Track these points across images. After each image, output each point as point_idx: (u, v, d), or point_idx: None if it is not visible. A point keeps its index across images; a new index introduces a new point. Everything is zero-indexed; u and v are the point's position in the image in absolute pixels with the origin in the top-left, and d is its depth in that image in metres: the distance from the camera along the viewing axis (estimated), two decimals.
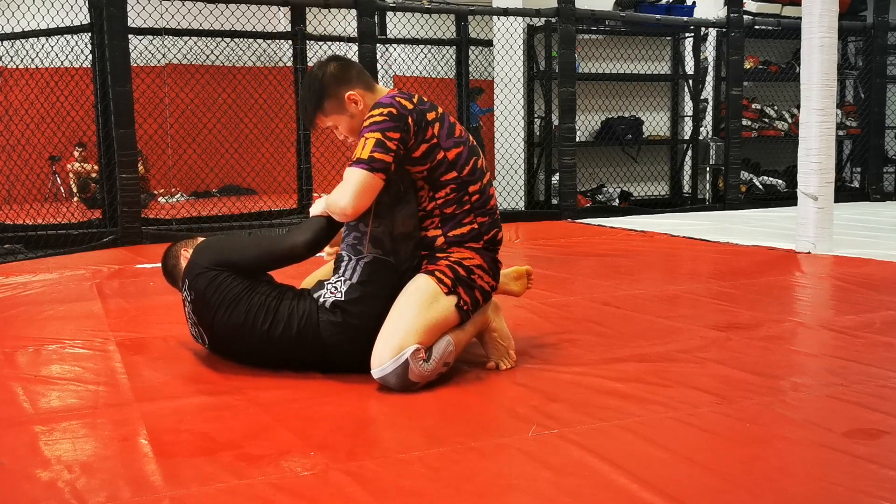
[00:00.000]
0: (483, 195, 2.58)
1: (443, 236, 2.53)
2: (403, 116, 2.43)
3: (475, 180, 2.56)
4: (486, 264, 2.54)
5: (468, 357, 2.71)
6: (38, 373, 2.63)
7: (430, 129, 2.48)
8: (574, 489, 1.69)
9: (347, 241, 2.48)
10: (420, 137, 2.46)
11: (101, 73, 6.14)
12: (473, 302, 2.50)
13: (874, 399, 2.23)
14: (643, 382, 2.39)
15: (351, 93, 2.52)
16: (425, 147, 2.47)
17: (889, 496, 1.63)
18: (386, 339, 2.34)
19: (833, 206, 5.04)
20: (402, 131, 2.42)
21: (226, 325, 2.50)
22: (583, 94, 7.88)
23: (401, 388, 2.34)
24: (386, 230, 2.45)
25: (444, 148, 2.50)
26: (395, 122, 2.41)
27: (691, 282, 4.26)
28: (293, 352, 2.47)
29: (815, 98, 4.92)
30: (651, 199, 8.32)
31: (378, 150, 2.39)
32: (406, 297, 2.41)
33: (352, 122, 2.55)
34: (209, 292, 2.51)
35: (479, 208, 2.55)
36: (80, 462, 1.89)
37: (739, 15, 8.02)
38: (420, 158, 2.47)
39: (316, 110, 2.56)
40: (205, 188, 8.73)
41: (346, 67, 2.57)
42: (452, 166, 2.51)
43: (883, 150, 8.90)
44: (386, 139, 2.40)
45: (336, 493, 1.70)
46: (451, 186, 2.51)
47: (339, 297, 2.42)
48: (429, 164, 2.48)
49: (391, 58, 10.04)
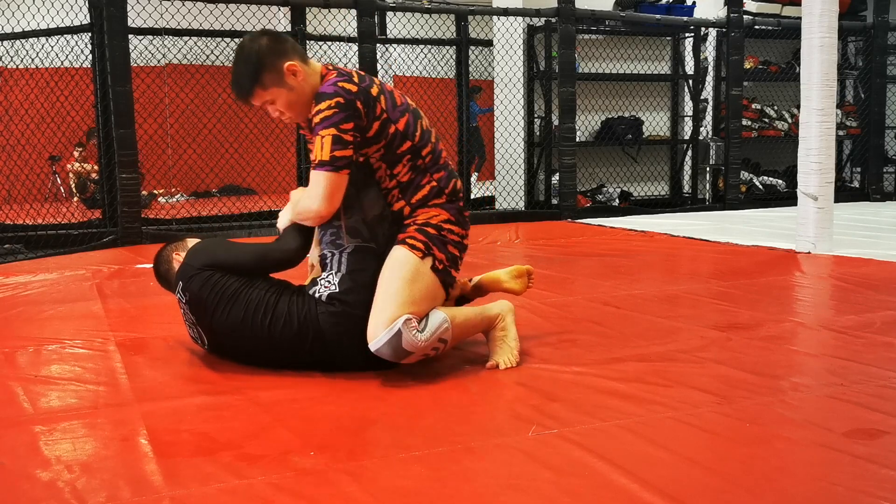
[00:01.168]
0: (434, 153, 2.58)
1: (407, 205, 2.54)
2: (352, 102, 2.41)
3: (426, 143, 2.56)
4: (452, 216, 2.57)
5: (468, 356, 2.71)
6: (38, 373, 2.63)
7: (378, 105, 2.47)
8: (574, 489, 1.69)
9: (326, 239, 2.51)
10: (371, 117, 2.45)
11: (101, 73, 6.14)
12: (450, 258, 2.53)
13: (874, 399, 2.23)
14: (643, 382, 2.39)
15: (290, 63, 2.45)
16: (377, 125, 2.46)
17: (889, 496, 1.63)
18: (377, 314, 2.38)
19: (833, 206, 5.04)
20: (354, 119, 2.40)
21: (225, 323, 2.50)
22: (583, 94, 7.88)
23: (396, 358, 2.38)
24: (358, 218, 2.48)
25: (394, 120, 2.50)
26: (346, 112, 2.39)
27: (691, 282, 4.26)
28: (294, 349, 2.48)
29: (815, 98, 4.92)
30: (651, 199, 8.32)
31: (337, 148, 2.38)
32: (388, 271, 2.44)
33: (290, 96, 2.48)
34: (204, 293, 2.51)
35: (432, 166, 2.57)
36: (80, 462, 1.89)
37: (739, 15, 8.02)
38: (375, 137, 2.46)
39: (253, 84, 2.46)
40: (205, 188, 8.74)
41: (281, 39, 2.52)
42: (405, 136, 2.51)
43: (883, 150, 8.90)
44: (341, 133, 2.39)
45: (336, 493, 1.70)
46: (406, 157, 2.52)
47: (334, 288, 2.45)
48: (384, 140, 2.48)
49: (391, 58, 10.05)
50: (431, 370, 2.59)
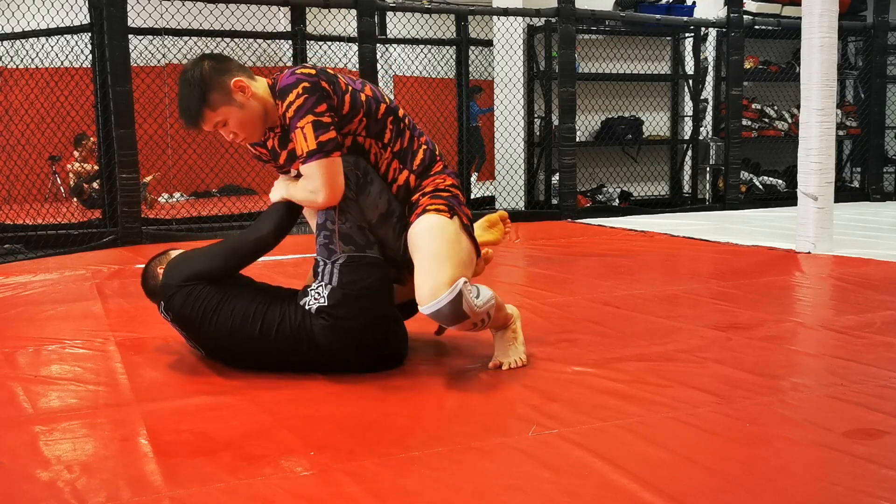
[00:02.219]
0: (409, 118, 2.59)
1: (412, 174, 2.54)
2: (317, 83, 2.38)
3: (397, 107, 2.56)
4: (455, 180, 2.60)
5: (468, 356, 2.71)
6: (38, 373, 2.63)
7: (339, 80, 2.46)
8: (574, 489, 1.69)
9: (319, 241, 2.45)
10: (339, 93, 2.43)
11: (101, 72, 6.14)
12: (468, 217, 2.55)
13: (874, 399, 2.23)
14: (643, 382, 2.39)
15: (236, 80, 2.42)
16: (348, 98, 2.44)
17: (889, 496, 1.63)
18: (433, 276, 2.32)
19: (833, 206, 5.04)
20: (325, 99, 2.38)
21: (214, 336, 2.49)
22: (583, 94, 7.88)
23: (453, 321, 2.34)
24: (353, 224, 2.43)
25: (360, 89, 2.48)
26: (315, 94, 2.36)
27: (691, 282, 4.26)
28: (290, 353, 2.47)
29: (815, 98, 4.92)
30: (651, 199, 8.32)
31: (320, 133, 2.35)
32: (426, 238, 2.40)
33: (241, 114, 2.43)
34: (186, 309, 2.49)
35: (414, 129, 2.58)
36: (80, 462, 1.89)
37: (739, 15, 8.02)
38: (351, 111, 2.44)
39: (201, 106, 2.41)
40: (205, 188, 8.73)
41: (224, 59, 2.50)
42: (378, 100, 2.50)
43: (883, 150, 8.90)
44: (318, 116, 2.36)
45: (336, 493, 1.70)
46: (388, 119, 2.51)
47: (324, 302, 2.40)
48: (361, 110, 2.46)
49: (391, 58, 10.04)
50: (431, 370, 2.59)
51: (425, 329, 2.96)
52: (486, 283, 4.02)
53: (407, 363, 2.64)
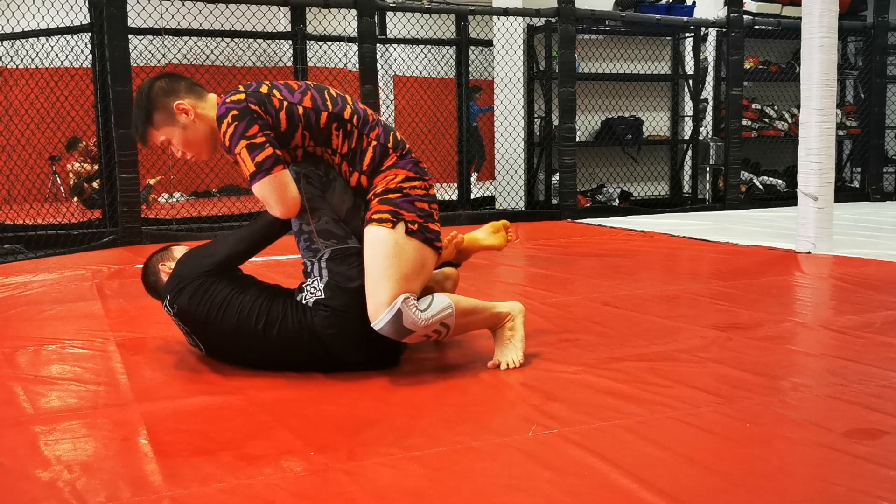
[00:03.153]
0: (359, 114, 2.58)
1: (361, 175, 2.55)
2: (245, 108, 2.43)
3: (343, 107, 2.56)
4: (410, 172, 2.56)
5: (468, 356, 2.71)
6: (38, 373, 2.63)
7: (273, 98, 2.49)
8: (574, 489, 1.69)
9: (301, 245, 2.52)
10: (273, 111, 2.47)
11: (101, 73, 6.14)
12: (421, 215, 2.51)
13: (874, 399, 2.23)
14: (643, 382, 2.39)
15: (179, 102, 2.52)
16: (283, 115, 2.47)
17: (889, 496, 1.63)
18: (374, 297, 2.39)
19: (833, 206, 5.04)
20: (256, 121, 2.42)
21: (219, 331, 2.50)
22: (583, 94, 7.88)
23: (398, 337, 2.39)
24: (328, 218, 2.49)
25: (297, 102, 2.51)
26: (244, 119, 2.42)
27: (691, 282, 4.26)
28: (292, 350, 2.47)
29: (815, 98, 4.92)
30: (651, 199, 8.32)
31: (256, 153, 2.41)
32: (369, 254, 2.44)
33: (185, 134, 2.54)
34: (193, 304, 2.50)
35: (364, 126, 2.56)
36: (80, 462, 1.89)
37: (739, 15, 8.02)
38: (290, 127, 2.48)
39: (146, 124, 2.56)
40: (205, 188, 8.73)
41: (174, 80, 2.58)
42: (317, 110, 2.51)
43: (883, 150, 8.90)
44: (250, 139, 2.41)
45: (336, 493, 1.70)
46: (333, 126, 2.52)
47: (320, 295, 2.45)
48: (300, 124, 2.49)
49: (391, 58, 10.04)
50: (432, 370, 2.60)
51: None
52: (487, 283, 4.02)
53: (407, 363, 2.65)
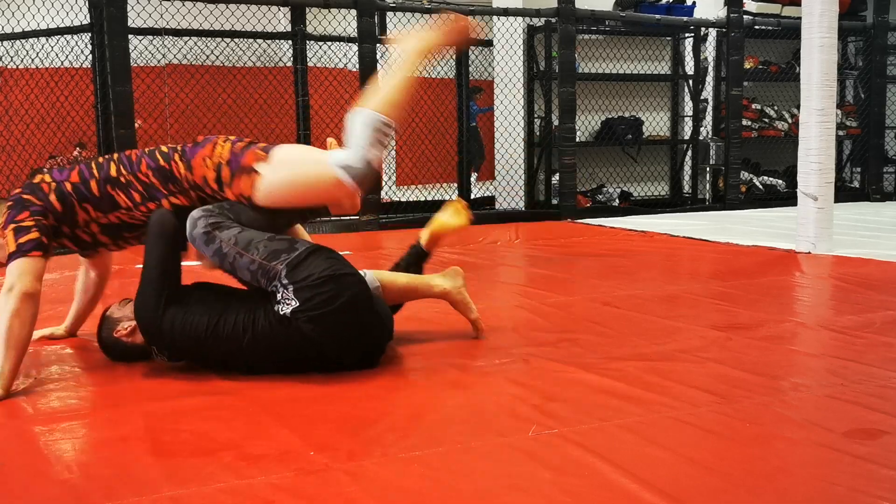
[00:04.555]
0: (123, 164, 2.65)
1: (165, 198, 2.62)
2: (18, 199, 2.56)
3: (108, 165, 2.65)
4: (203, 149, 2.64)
5: (468, 356, 2.71)
6: (38, 373, 2.63)
7: (43, 182, 2.61)
8: (574, 489, 1.69)
9: (262, 282, 2.46)
10: (42, 197, 2.58)
11: (101, 73, 6.14)
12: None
13: (874, 399, 2.23)
14: (643, 382, 2.39)
15: None
16: (54, 196, 2.59)
17: (889, 496, 1.64)
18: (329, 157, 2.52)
19: (833, 206, 5.04)
20: (26, 208, 2.54)
21: (217, 355, 2.50)
22: (583, 94, 7.88)
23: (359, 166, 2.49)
24: (263, 241, 2.47)
25: (64, 179, 2.62)
26: (15, 207, 2.54)
27: (691, 282, 4.26)
28: (286, 353, 2.48)
29: (815, 98, 4.92)
30: (651, 199, 8.31)
31: (21, 235, 2.50)
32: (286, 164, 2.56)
33: None
34: (180, 341, 2.48)
35: (131, 166, 2.65)
36: (80, 462, 1.89)
37: (739, 15, 8.02)
38: (64, 207, 2.59)
39: None
40: None
41: None
42: (86, 179, 2.62)
43: (883, 150, 8.90)
44: (19, 223, 2.52)
45: (336, 493, 1.70)
46: (107, 188, 2.62)
47: (295, 303, 2.42)
48: (73, 199, 2.60)
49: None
50: (431, 370, 2.59)
51: (424, 329, 2.97)
52: (487, 283, 4.03)
53: (406, 363, 2.65)
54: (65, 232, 2.67)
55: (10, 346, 2.39)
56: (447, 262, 4.58)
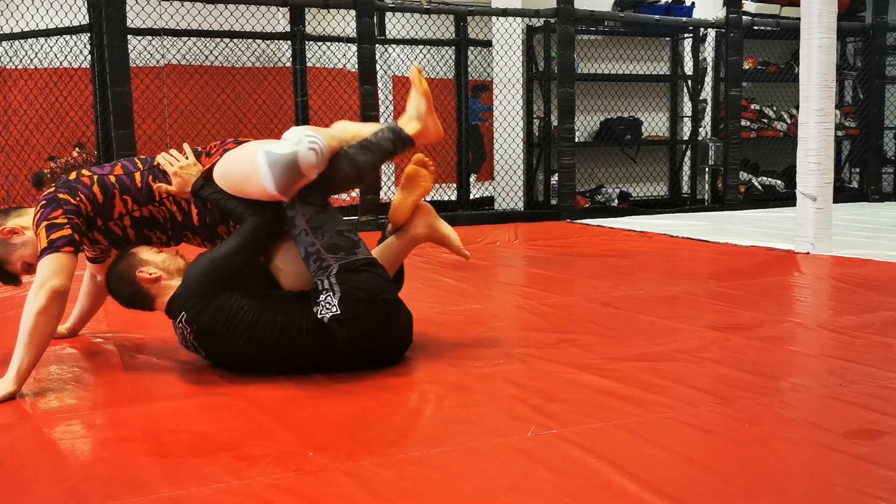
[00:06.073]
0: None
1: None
2: (53, 197, 2.57)
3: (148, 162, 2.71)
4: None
5: (468, 356, 2.71)
6: (38, 373, 2.63)
7: (82, 178, 2.64)
8: (574, 489, 1.70)
9: (312, 268, 2.49)
10: (84, 190, 2.60)
11: (100, 73, 6.14)
12: None
13: (873, 399, 2.23)
14: (642, 382, 2.40)
15: (2, 228, 2.64)
16: (97, 188, 2.61)
17: (888, 496, 1.64)
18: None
19: (832, 206, 5.05)
20: (60, 206, 2.55)
21: (240, 352, 2.48)
22: (582, 94, 7.88)
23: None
24: (331, 233, 2.50)
25: (108, 173, 2.65)
26: (49, 205, 2.55)
27: (690, 282, 4.27)
28: (311, 360, 2.51)
29: (814, 98, 4.92)
30: (650, 199, 8.31)
31: (52, 232, 2.51)
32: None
33: (24, 252, 2.66)
34: (216, 325, 2.45)
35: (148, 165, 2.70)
36: (79, 462, 1.89)
37: (738, 15, 8.02)
38: (105, 197, 2.62)
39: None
40: None
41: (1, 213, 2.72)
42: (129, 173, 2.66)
43: (882, 150, 8.90)
44: (52, 220, 2.53)
45: (336, 493, 1.70)
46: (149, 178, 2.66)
47: (336, 311, 2.43)
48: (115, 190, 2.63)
49: (390, 58, 10.04)
50: (431, 370, 2.60)
51: (424, 329, 2.97)
52: (487, 283, 4.03)
53: (407, 363, 2.65)
54: (98, 225, 2.66)
55: (33, 343, 2.40)
56: (447, 262, 4.59)
